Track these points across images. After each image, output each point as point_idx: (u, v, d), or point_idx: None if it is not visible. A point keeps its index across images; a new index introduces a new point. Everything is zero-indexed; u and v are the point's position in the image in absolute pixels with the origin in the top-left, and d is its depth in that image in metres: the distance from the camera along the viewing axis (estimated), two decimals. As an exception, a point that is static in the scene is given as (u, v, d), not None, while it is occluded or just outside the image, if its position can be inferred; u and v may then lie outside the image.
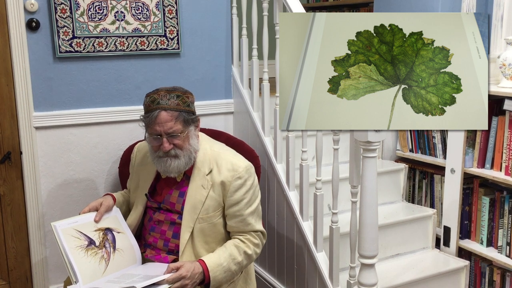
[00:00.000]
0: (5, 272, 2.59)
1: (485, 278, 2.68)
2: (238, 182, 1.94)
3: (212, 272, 1.84)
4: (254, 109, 2.82)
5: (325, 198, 2.38)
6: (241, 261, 1.92)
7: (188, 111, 1.91)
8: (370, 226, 1.94)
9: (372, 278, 2.00)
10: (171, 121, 1.85)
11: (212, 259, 1.87)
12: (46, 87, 2.54)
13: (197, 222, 1.94)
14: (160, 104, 1.86)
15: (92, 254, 1.88)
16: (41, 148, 2.57)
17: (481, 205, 2.68)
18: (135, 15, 2.64)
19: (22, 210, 2.57)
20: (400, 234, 2.75)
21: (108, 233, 1.97)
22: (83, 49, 2.56)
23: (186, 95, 1.92)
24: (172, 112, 1.86)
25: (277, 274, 2.73)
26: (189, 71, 2.85)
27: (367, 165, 1.90)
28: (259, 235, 2.00)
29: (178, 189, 2.00)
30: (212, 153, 2.00)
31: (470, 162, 2.67)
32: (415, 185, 3.14)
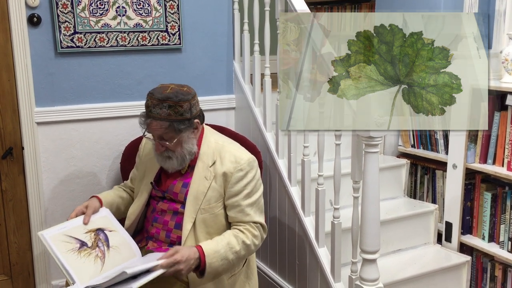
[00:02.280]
0: (7, 267, 2.59)
1: (487, 274, 2.68)
2: (239, 174, 1.96)
3: (209, 259, 1.84)
4: (256, 104, 2.82)
5: (327, 194, 2.38)
6: (238, 250, 1.92)
7: (181, 120, 1.91)
8: (372, 221, 1.94)
9: (373, 273, 2.00)
10: (160, 130, 1.90)
11: (209, 246, 1.87)
12: (48, 83, 2.54)
13: (199, 212, 1.97)
14: (152, 113, 1.90)
15: (86, 255, 1.86)
16: (43, 143, 2.57)
17: (483, 200, 2.67)
18: (136, 10, 2.63)
19: (24, 205, 2.57)
20: (402, 229, 2.74)
21: (100, 233, 1.96)
22: (84, 45, 2.55)
23: (180, 104, 1.89)
24: (162, 122, 1.89)
25: (279, 270, 2.74)
26: (190, 67, 2.85)
27: (369, 161, 1.90)
28: (258, 227, 2.01)
29: (182, 180, 2.03)
30: (216, 145, 2.03)
31: (472, 157, 2.67)
32: (417, 180, 3.13)
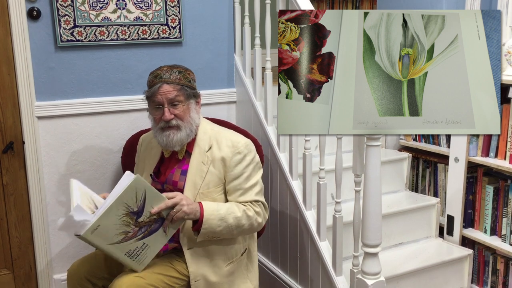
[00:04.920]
0: (9, 262, 2.59)
1: (489, 267, 2.68)
2: (237, 157, 1.99)
3: (207, 214, 1.86)
4: (257, 98, 2.81)
5: (328, 187, 2.38)
6: (240, 217, 1.93)
7: (190, 86, 1.99)
8: (373, 215, 1.94)
9: (375, 267, 1.99)
10: (173, 92, 1.94)
11: (209, 204, 1.91)
12: (48, 77, 2.53)
13: (198, 197, 1.97)
14: (163, 78, 1.95)
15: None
16: (44, 138, 2.56)
17: (485, 194, 2.66)
18: (136, 4, 2.62)
19: (25, 200, 2.57)
20: (403, 223, 2.74)
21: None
22: (84, 38, 2.54)
23: (188, 72, 2.02)
24: (174, 85, 1.95)
25: (280, 263, 2.73)
26: (191, 60, 2.83)
27: (371, 154, 1.89)
28: (260, 204, 2.02)
29: (180, 168, 2.04)
30: (212, 132, 2.06)
31: (474, 150, 2.66)
32: (418, 174, 3.13)
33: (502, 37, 2.68)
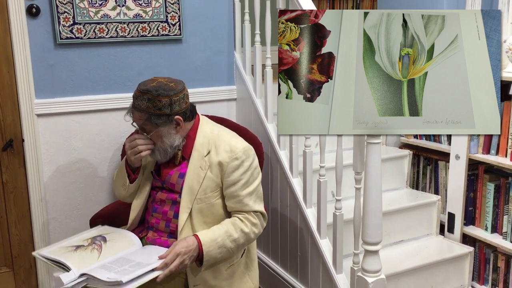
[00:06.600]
0: (9, 260, 2.60)
1: (490, 265, 2.68)
2: (235, 163, 1.96)
3: (206, 247, 1.85)
4: (257, 95, 2.80)
5: (329, 185, 2.37)
6: (237, 238, 1.93)
7: (158, 114, 1.90)
8: (374, 212, 1.93)
9: (376, 264, 1.99)
10: (140, 120, 1.94)
11: (206, 235, 1.89)
12: (47, 74, 2.52)
13: (195, 202, 1.96)
14: (134, 103, 1.94)
15: (82, 250, 1.88)
16: (43, 135, 2.56)
17: (485, 191, 2.66)
18: (136, 1, 2.61)
19: (25, 198, 2.57)
20: (404, 220, 2.74)
21: (97, 237, 1.98)
22: (84, 36, 2.53)
23: (158, 99, 1.88)
24: (141, 113, 1.92)
25: (281, 261, 2.73)
26: (191, 57, 2.83)
27: (371, 152, 1.88)
28: (258, 215, 2.01)
29: (178, 171, 2.03)
30: (212, 135, 2.03)
31: (475, 148, 2.65)
32: (419, 171, 3.12)
33: (503, 34, 2.67)
